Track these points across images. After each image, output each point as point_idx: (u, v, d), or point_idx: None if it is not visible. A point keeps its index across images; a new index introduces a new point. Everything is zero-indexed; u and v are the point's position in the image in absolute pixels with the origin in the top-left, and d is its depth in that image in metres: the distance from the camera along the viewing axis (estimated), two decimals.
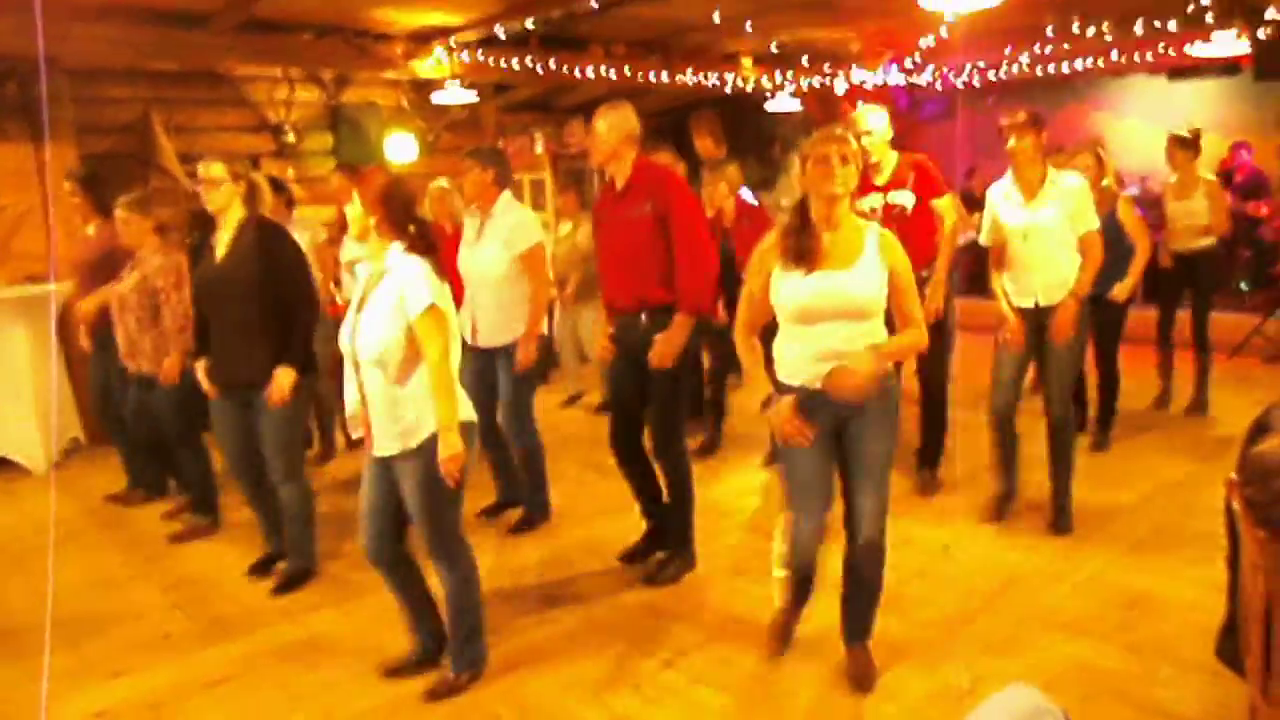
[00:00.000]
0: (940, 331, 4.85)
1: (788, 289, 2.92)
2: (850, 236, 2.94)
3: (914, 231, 4.65)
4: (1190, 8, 7.91)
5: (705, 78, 9.70)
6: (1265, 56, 7.63)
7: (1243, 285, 9.26)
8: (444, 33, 8.06)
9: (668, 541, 4.19)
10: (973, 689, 3.06)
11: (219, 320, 4.02)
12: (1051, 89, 10.56)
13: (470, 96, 8.62)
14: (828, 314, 2.87)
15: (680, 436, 4.08)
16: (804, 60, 10.32)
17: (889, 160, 4.77)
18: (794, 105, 10.68)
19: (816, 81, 10.46)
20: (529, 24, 7.64)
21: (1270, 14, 7.34)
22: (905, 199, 4.75)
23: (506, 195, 4.62)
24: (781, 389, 2.96)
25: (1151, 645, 3.34)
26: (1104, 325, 5.44)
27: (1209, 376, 6.37)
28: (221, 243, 4.00)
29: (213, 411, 4.20)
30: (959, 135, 11.42)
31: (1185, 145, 6.21)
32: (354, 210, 3.10)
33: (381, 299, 3.00)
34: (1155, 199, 9.62)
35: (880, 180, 4.74)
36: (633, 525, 4.35)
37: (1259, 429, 2.12)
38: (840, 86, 10.50)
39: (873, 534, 3.02)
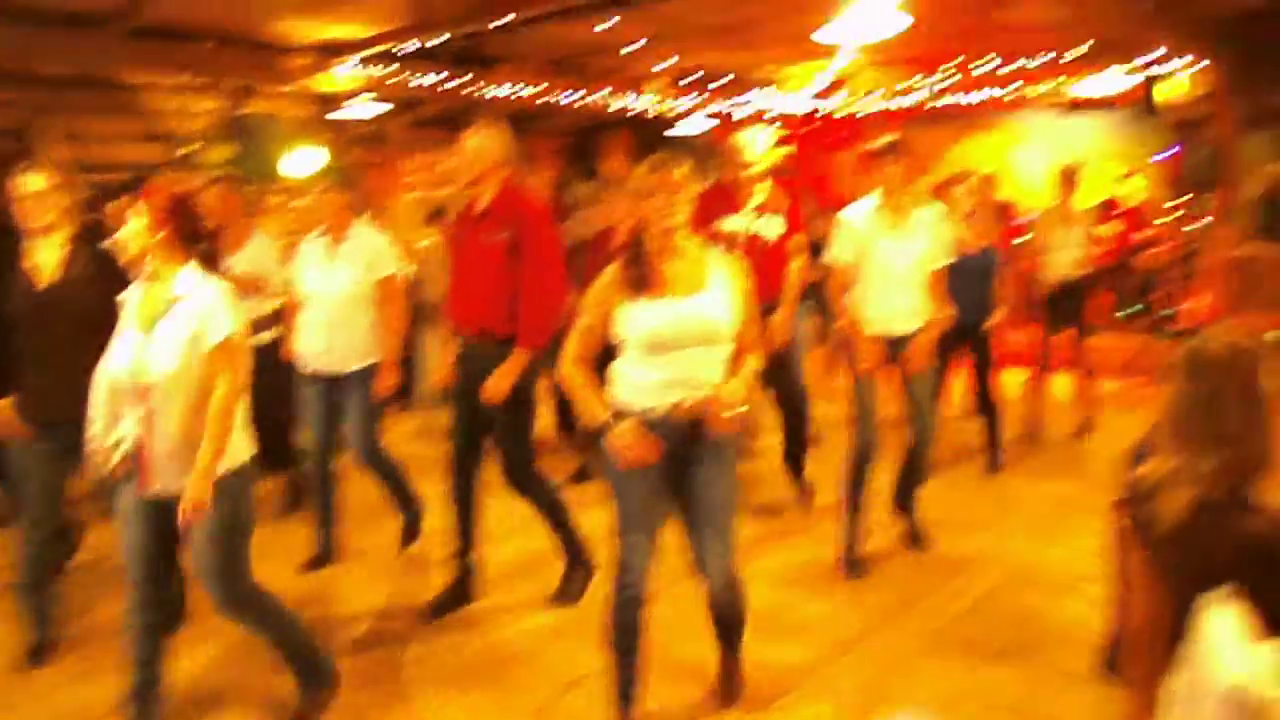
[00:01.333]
0: (790, 359, 4.91)
1: (639, 319, 2.83)
2: (696, 262, 2.91)
3: (773, 262, 4.70)
4: (1083, 47, 8.31)
5: (616, 98, 9.75)
6: (1145, 94, 8.03)
7: (1125, 311, 9.67)
8: (352, 47, 7.93)
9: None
10: (868, 713, 3.09)
11: (43, 349, 3.50)
12: (955, 118, 10.92)
13: (375, 112, 8.49)
14: (682, 341, 2.82)
15: (530, 465, 3.96)
16: (713, 84, 10.48)
17: (765, 187, 4.77)
18: (702, 128, 10.80)
19: (725, 105, 10.61)
20: (439, 40, 7.56)
21: (1147, 57, 7.73)
22: (772, 228, 4.76)
23: (364, 219, 4.51)
24: (621, 414, 2.86)
25: (1044, 662, 3.43)
26: (980, 353, 5.65)
27: (1092, 398, 6.61)
28: (48, 262, 3.52)
29: (18, 457, 3.63)
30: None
31: (1065, 178, 6.47)
32: (132, 227, 2.85)
33: (176, 327, 2.80)
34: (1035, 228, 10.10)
35: (752, 205, 4.74)
36: (519, 547, 4.26)
37: (1141, 451, 2.18)
38: (747, 110, 10.68)
39: (726, 574, 2.94)
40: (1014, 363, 6.42)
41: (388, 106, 8.65)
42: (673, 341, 2.81)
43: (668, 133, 10.74)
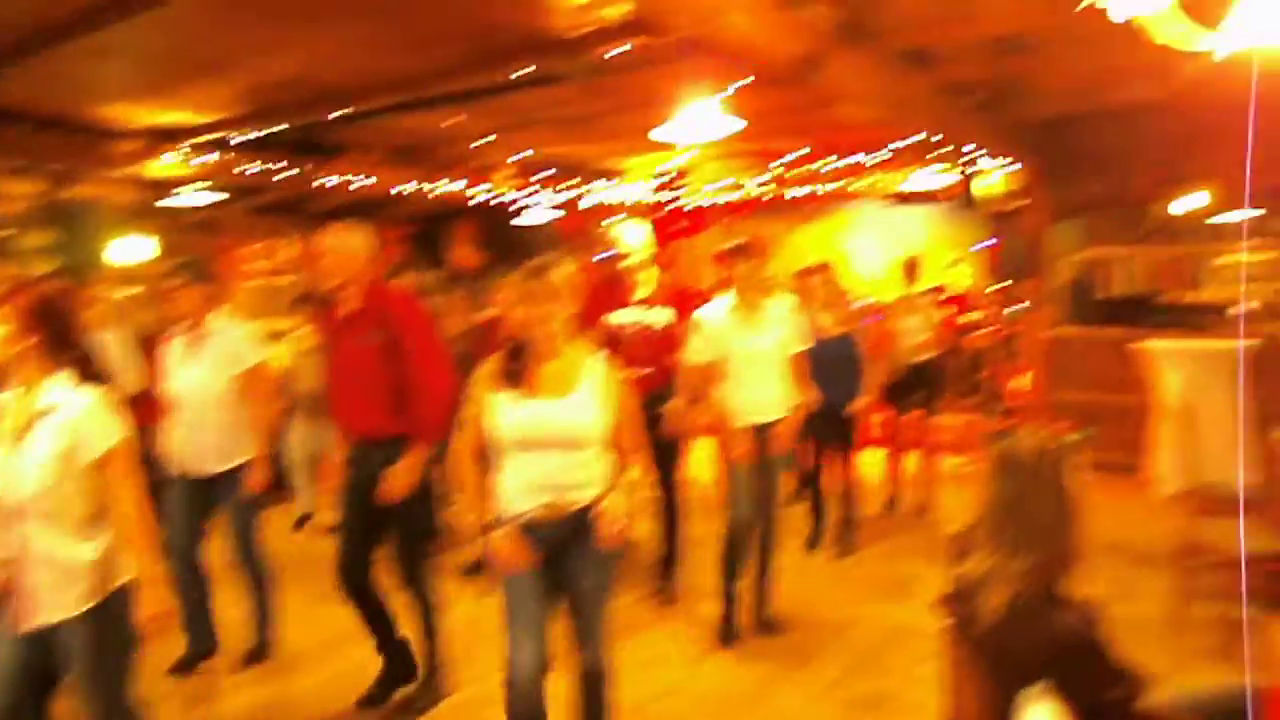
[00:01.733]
0: (674, 448, 5.03)
1: (507, 416, 2.90)
2: (571, 364, 2.96)
3: (663, 351, 4.89)
4: (905, 147, 8.88)
5: (461, 189, 9.75)
6: (965, 188, 8.61)
7: (958, 390, 10.17)
8: (184, 133, 7.67)
9: (412, 674, 3.95)
10: None
11: None
12: (791, 209, 11.40)
13: (210, 199, 8.21)
14: (544, 442, 2.88)
15: (423, 565, 3.91)
16: (558, 174, 10.63)
17: (650, 277, 4.98)
18: (549, 217, 10.92)
19: (570, 195, 10.77)
20: (276, 128, 7.40)
21: (967, 155, 8.31)
22: (660, 318, 4.94)
23: (224, 311, 4.34)
24: (501, 520, 2.93)
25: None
26: (841, 436, 5.82)
27: (934, 477, 6.91)
28: None
29: None
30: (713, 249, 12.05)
31: (908, 269, 6.94)
32: None
33: (48, 441, 2.55)
34: (885, 314, 10.60)
35: (639, 296, 4.93)
36: (371, 659, 4.07)
37: (961, 549, 2.26)
38: (591, 200, 10.87)
39: (595, 660, 3.03)
40: (870, 444, 6.68)
41: (222, 195, 8.36)
42: (536, 443, 2.88)
43: (515, 221, 10.79)
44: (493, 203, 10.36)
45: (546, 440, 2.87)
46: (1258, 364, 7.22)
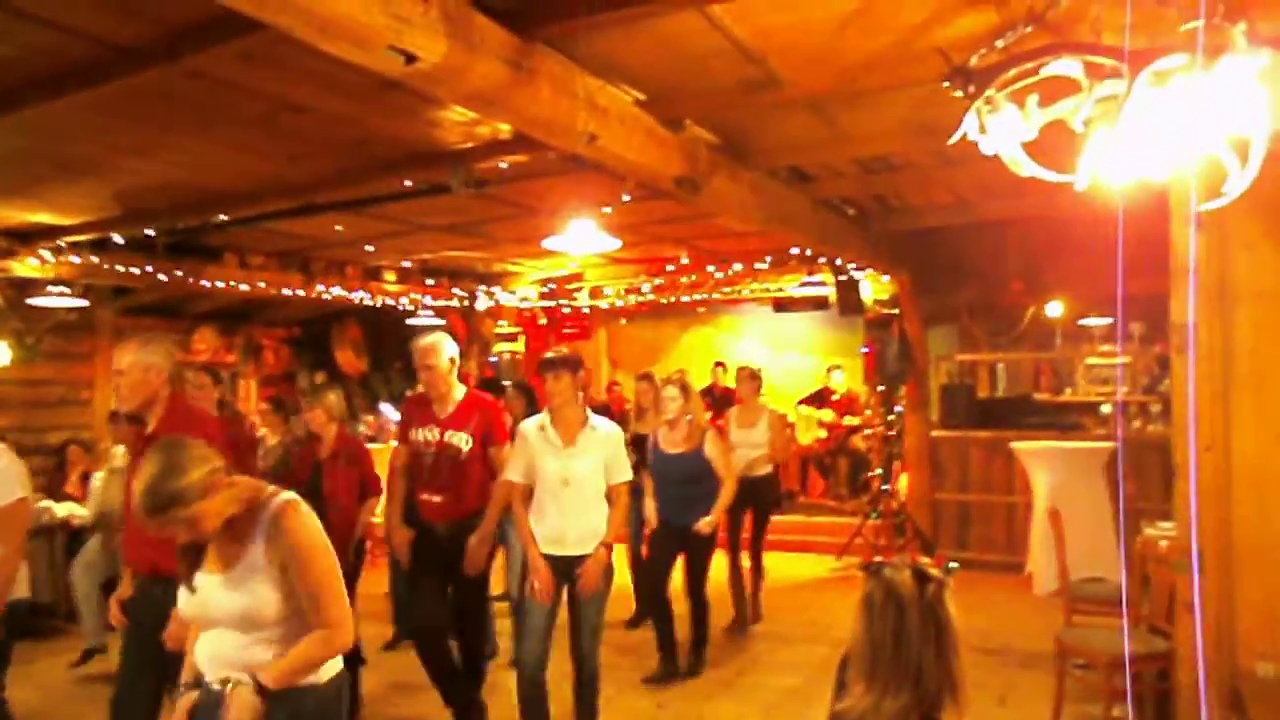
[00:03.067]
0: (480, 584, 4.61)
1: (183, 596, 2.45)
2: (241, 535, 2.39)
3: (469, 476, 4.47)
4: (785, 257, 9.22)
5: (347, 292, 9.60)
6: (843, 296, 8.91)
7: (839, 492, 10.36)
8: (51, 233, 7.37)
9: None
10: None
11: None
12: (680, 313, 11.61)
13: (73, 302, 7.87)
14: (216, 622, 2.40)
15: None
16: (448, 277, 10.61)
17: (454, 394, 4.52)
18: (438, 320, 10.84)
19: (459, 299, 10.74)
20: (150, 232, 7.18)
21: (844, 264, 8.64)
22: (462, 440, 4.46)
23: None
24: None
25: None
26: (694, 554, 5.58)
27: (761, 590, 6.79)
28: None
29: None
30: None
31: (750, 378, 6.70)
32: None
33: None
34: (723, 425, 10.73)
35: (441, 414, 4.49)
36: None
37: (840, 682, 2.23)
38: (482, 303, 10.86)
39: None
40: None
41: (78, 300, 8.01)
42: (207, 623, 2.43)
43: (409, 321, 10.67)
44: (382, 304, 10.22)
45: (216, 620, 2.40)
46: (1125, 462, 7.59)
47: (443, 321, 10.79)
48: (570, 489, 4.09)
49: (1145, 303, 7.08)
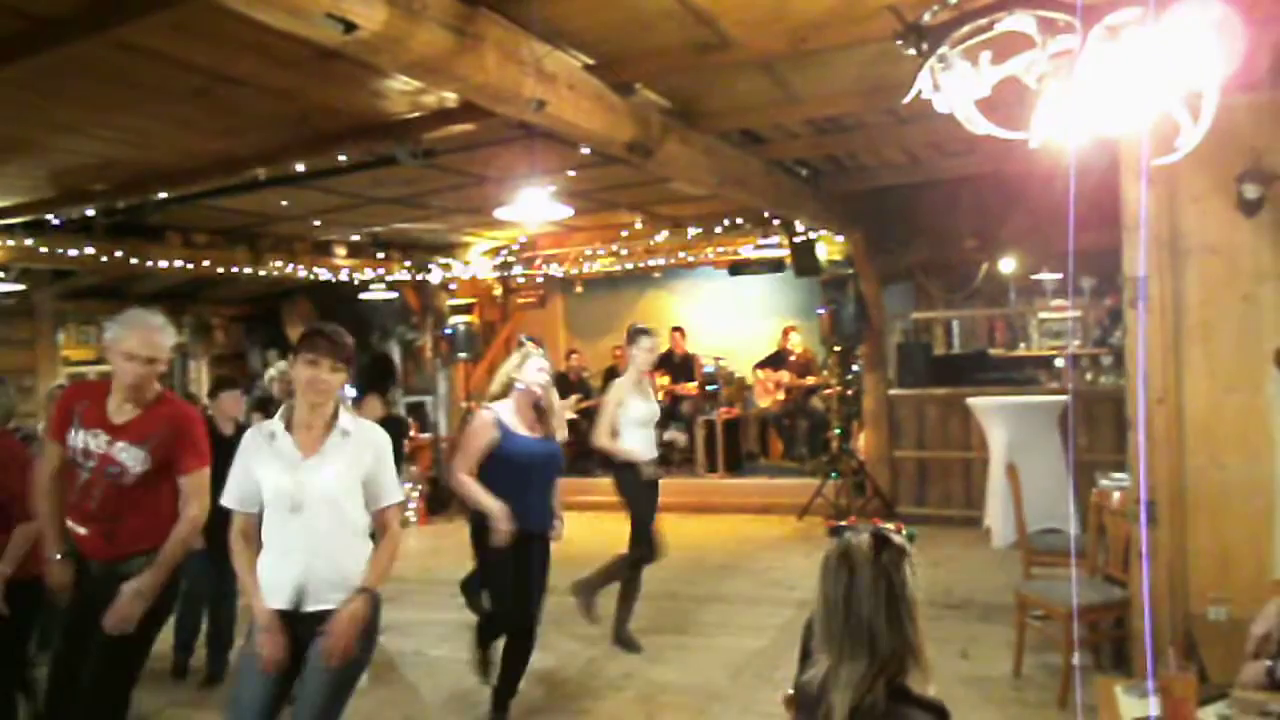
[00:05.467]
0: (123, 653, 3.29)
1: None
2: None
3: (135, 507, 3.31)
4: (740, 219, 9.19)
5: (296, 268, 9.41)
6: (799, 257, 8.92)
7: (798, 452, 10.44)
8: None
9: None
10: None
11: None
12: (636, 279, 11.55)
13: (10, 287, 7.64)
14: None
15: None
16: (400, 249, 10.46)
17: (146, 395, 3.34)
18: (391, 294, 10.68)
19: (409, 272, 10.60)
20: (89, 212, 6.97)
21: (798, 226, 8.64)
22: (133, 458, 3.27)
23: None
24: None
25: None
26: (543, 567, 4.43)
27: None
28: None
29: None
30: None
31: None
32: None
33: None
34: (730, 380, 10.81)
35: (118, 417, 3.31)
36: None
37: (805, 652, 2.23)
38: (436, 275, 10.72)
39: None
40: None
41: (16, 285, 7.78)
42: None
43: (361, 296, 10.51)
44: (334, 279, 10.05)
45: None
46: (1078, 415, 7.72)
47: (395, 295, 10.65)
48: (302, 516, 2.89)
49: (1096, 257, 7.24)
